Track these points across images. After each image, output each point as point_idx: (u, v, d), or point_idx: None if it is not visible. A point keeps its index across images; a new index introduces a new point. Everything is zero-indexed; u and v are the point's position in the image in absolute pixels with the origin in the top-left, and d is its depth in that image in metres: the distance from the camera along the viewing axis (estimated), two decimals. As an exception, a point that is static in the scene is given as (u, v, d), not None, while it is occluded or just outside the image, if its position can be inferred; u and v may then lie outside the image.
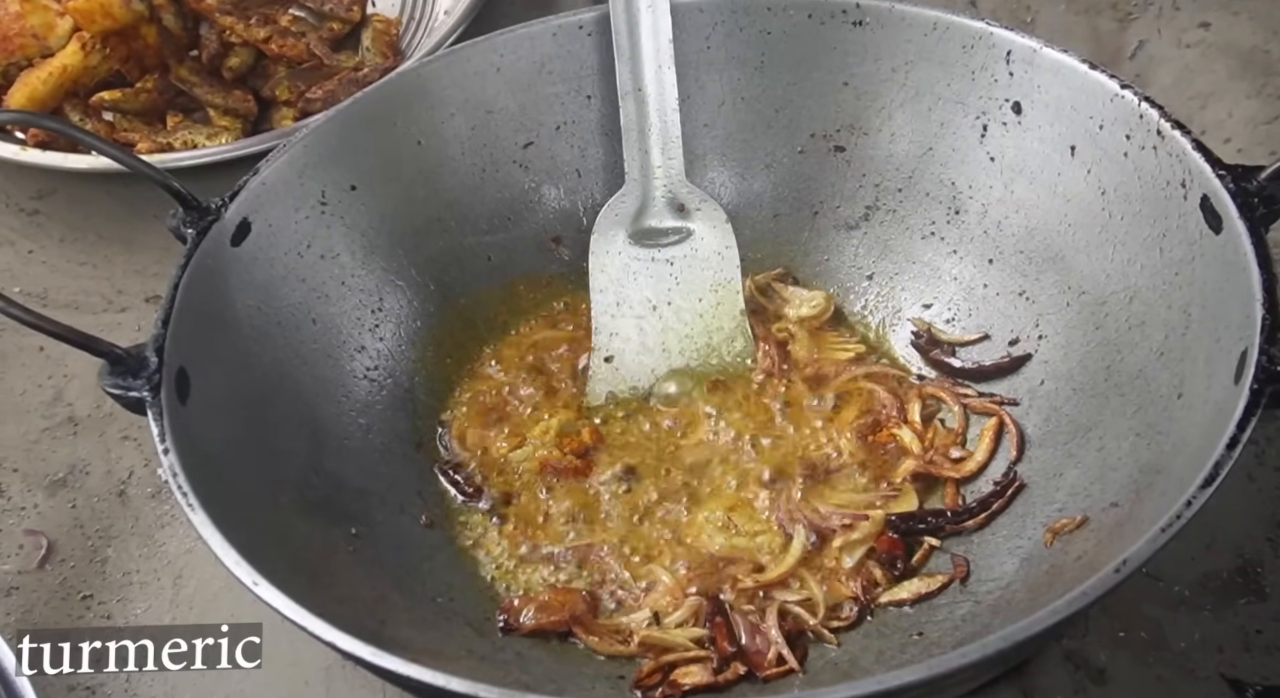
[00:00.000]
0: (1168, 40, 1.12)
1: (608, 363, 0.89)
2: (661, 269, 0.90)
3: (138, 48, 1.11)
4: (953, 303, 0.88)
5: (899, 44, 0.87)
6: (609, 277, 0.90)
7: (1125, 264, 0.78)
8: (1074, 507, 0.74)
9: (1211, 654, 0.77)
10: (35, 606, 0.85)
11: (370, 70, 1.15)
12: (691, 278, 0.90)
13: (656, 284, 0.90)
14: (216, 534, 0.63)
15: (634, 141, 0.88)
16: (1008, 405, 0.83)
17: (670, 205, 0.89)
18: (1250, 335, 0.64)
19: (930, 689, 0.57)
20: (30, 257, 1.09)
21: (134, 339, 0.72)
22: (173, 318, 0.72)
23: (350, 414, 0.84)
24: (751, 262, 0.93)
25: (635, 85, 0.87)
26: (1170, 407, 0.71)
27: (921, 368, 0.88)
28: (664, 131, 0.88)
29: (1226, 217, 0.69)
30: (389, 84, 0.89)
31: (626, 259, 0.90)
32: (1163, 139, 0.75)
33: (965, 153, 0.87)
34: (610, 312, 0.89)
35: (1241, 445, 0.60)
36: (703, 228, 0.90)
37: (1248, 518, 0.82)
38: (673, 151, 0.88)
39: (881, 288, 0.91)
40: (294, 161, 0.83)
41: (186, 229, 0.77)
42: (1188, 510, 0.59)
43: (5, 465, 0.94)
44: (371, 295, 0.88)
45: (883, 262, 0.91)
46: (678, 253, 0.90)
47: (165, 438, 0.67)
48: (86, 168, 1.05)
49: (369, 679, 0.79)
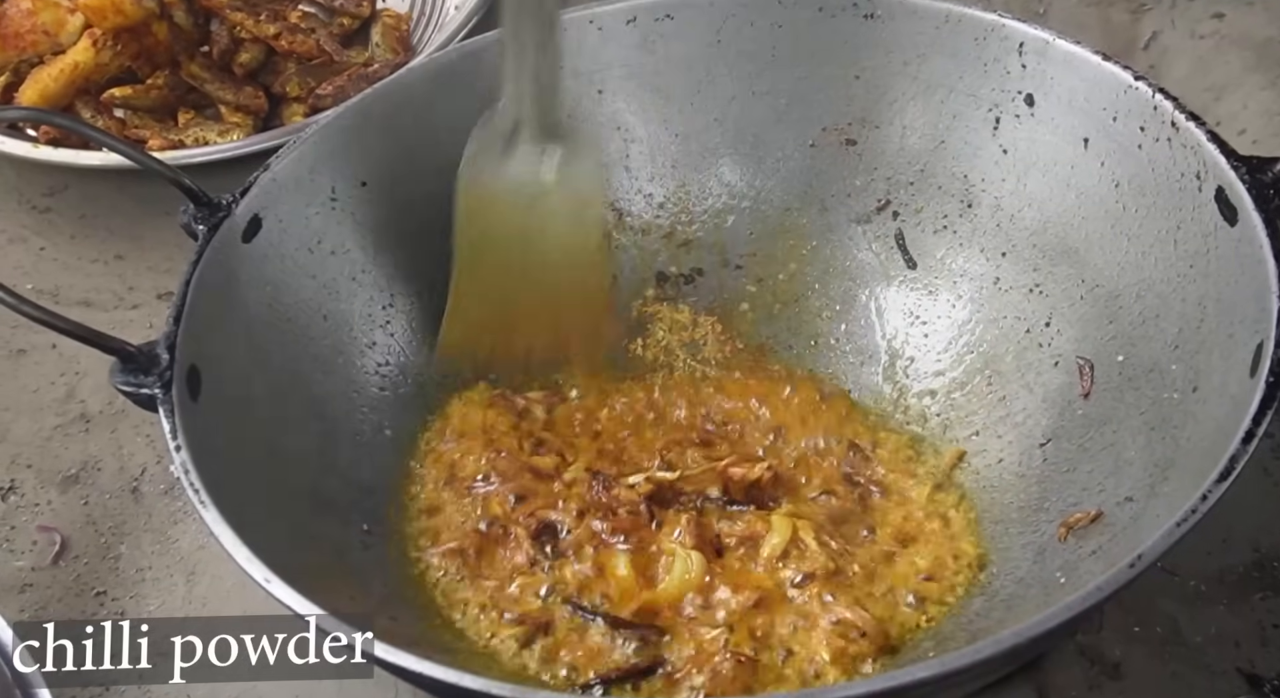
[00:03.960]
0: (1181, 32, 1.11)
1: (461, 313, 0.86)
2: (528, 201, 0.85)
3: (149, 44, 1.11)
4: (966, 298, 0.88)
5: (911, 37, 0.86)
6: (474, 210, 0.85)
7: (1139, 257, 0.77)
8: (1088, 501, 0.73)
9: (1228, 649, 0.76)
10: (49, 602, 0.86)
11: (380, 66, 1.15)
12: (557, 206, 0.85)
13: (523, 213, 0.85)
14: (228, 531, 0.63)
15: (511, 53, 0.81)
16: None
17: (543, 127, 0.84)
18: (1266, 328, 0.64)
19: (943, 685, 0.57)
20: (42, 253, 1.09)
21: (146, 336, 0.72)
22: (184, 315, 0.72)
23: (362, 410, 0.84)
24: (763, 256, 0.92)
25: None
26: (1185, 400, 0.70)
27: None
28: (546, 46, 0.81)
29: (1242, 209, 0.69)
30: (399, 80, 0.89)
31: (497, 188, 0.85)
32: (1177, 131, 0.74)
33: (978, 146, 0.87)
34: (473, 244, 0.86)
35: (1257, 439, 0.60)
36: (573, 147, 0.85)
37: (1264, 512, 0.82)
38: (551, 69, 0.82)
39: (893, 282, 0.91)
40: (304, 158, 0.83)
41: (198, 226, 0.77)
42: (1203, 505, 0.58)
43: (19, 462, 0.94)
44: (383, 291, 0.88)
45: (894, 255, 0.91)
46: (546, 184, 0.85)
47: (177, 435, 0.67)
48: (98, 165, 1.05)
49: (382, 676, 0.78)
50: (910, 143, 0.89)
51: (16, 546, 0.89)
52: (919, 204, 0.90)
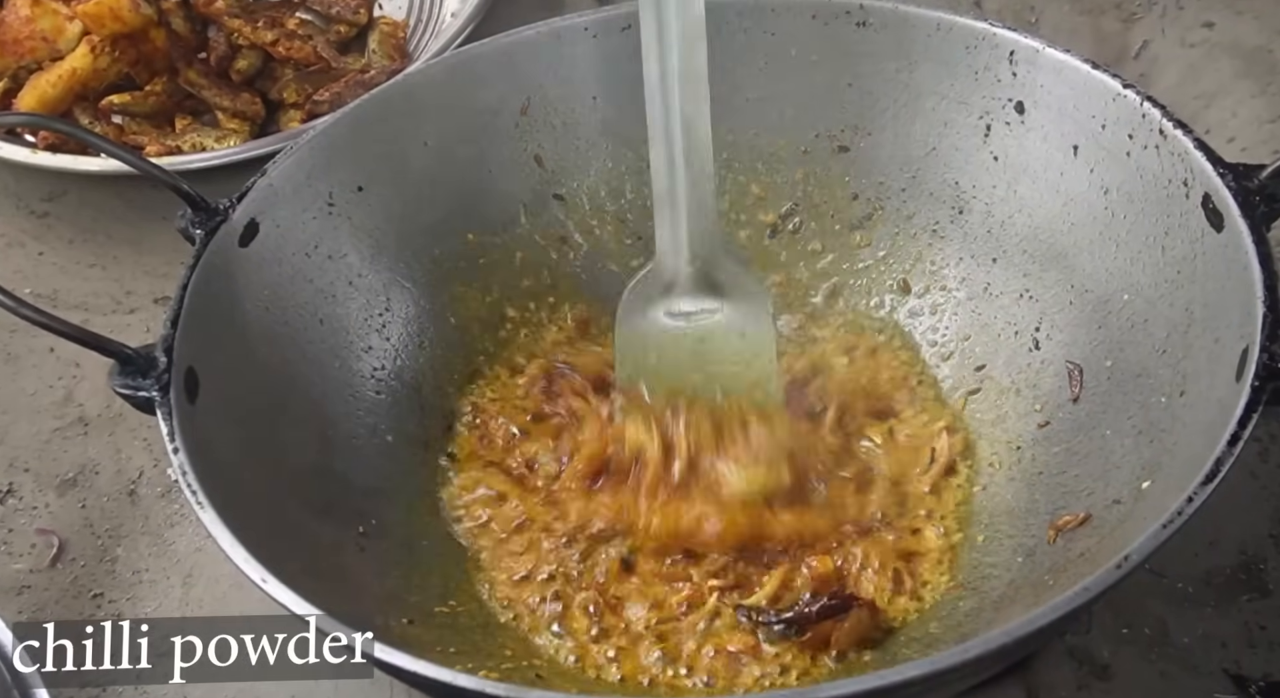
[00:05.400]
0: (1172, 40, 1.12)
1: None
2: (689, 346, 0.82)
3: (147, 51, 1.12)
4: (956, 303, 0.89)
5: (902, 44, 0.87)
6: (633, 354, 0.83)
7: (1128, 263, 0.78)
8: (1077, 504, 0.74)
9: (1215, 650, 0.77)
10: (47, 604, 0.86)
11: (377, 72, 1.15)
12: (722, 353, 0.82)
13: (683, 361, 0.82)
14: (225, 532, 0.64)
15: (665, 203, 0.79)
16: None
17: (703, 281, 0.81)
18: (1251, 333, 0.64)
19: (932, 685, 0.58)
20: (40, 258, 1.10)
21: (143, 340, 0.73)
22: (181, 318, 0.73)
23: (358, 414, 0.85)
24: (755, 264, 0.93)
25: (666, 129, 0.77)
26: (1172, 404, 0.71)
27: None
28: (697, 189, 0.78)
29: (1228, 215, 0.69)
30: (396, 86, 0.89)
31: (654, 336, 0.82)
32: (1165, 138, 0.75)
33: (969, 153, 0.87)
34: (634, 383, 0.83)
35: (1243, 442, 0.61)
36: (737, 303, 0.82)
37: (1251, 515, 0.82)
38: (706, 216, 0.79)
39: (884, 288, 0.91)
40: (301, 163, 0.84)
41: (195, 230, 0.78)
42: (1189, 507, 0.59)
43: (17, 465, 0.95)
44: (379, 296, 0.88)
45: (886, 262, 0.91)
46: (708, 330, 0.81)
47: (174, 437, 0.68)
48: (96, 170, 1.06)
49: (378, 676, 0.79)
50: (902, 150, 0.90)
51: (14, 548, 0.90)
52: (910, 210, 0.90)
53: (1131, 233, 0.78)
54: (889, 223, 0.91)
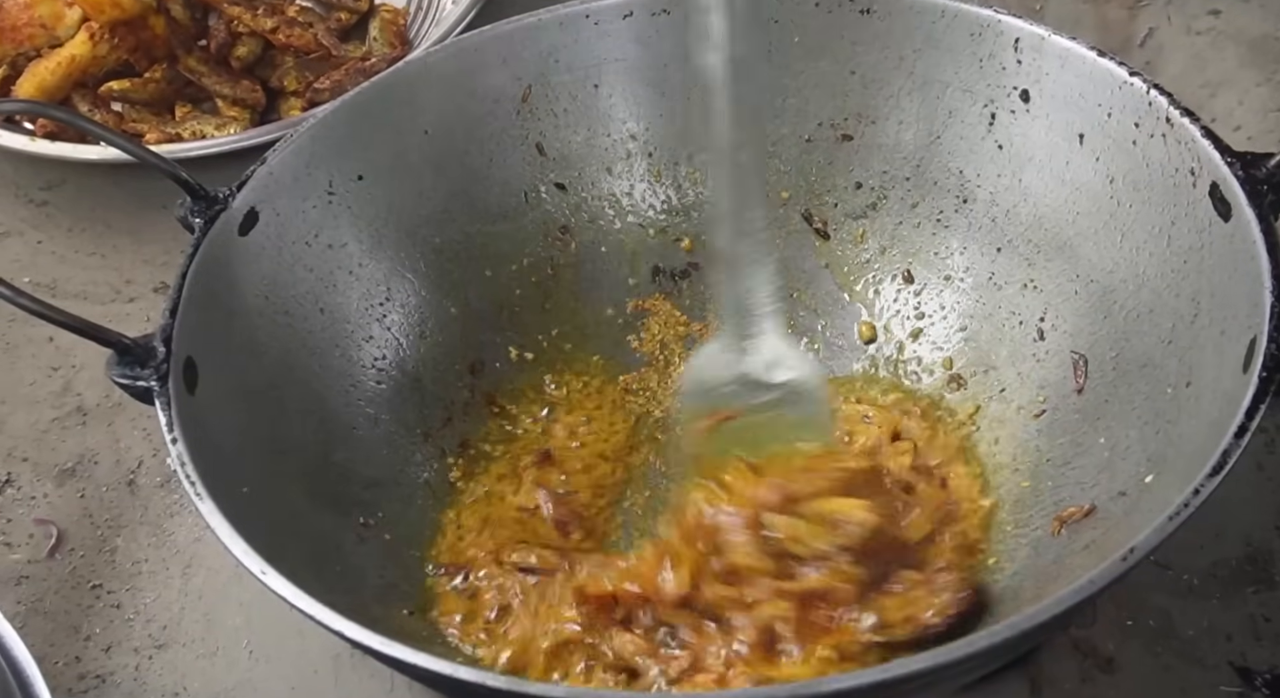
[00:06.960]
0: (1177, 28, 1.11)
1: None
2: (749, 424, 0.79)
3: (146, 38, 1.11)
4: (961, 293, 0.88)
5: (906, 32, 0.86)
6: (694, 431, 0.80)
7: (1133, 252, 0.78)
8: (1082, 496, 0.74)
9: (1220, 643, 0.77)
10: (45, 595, 0.86)
11: (378, 60, 1.15)
12: (776, 436, 0.79)
13: (743, 437, 0.79)
14: (224, 523, 0.63)
15: (733, 281, 0.75)
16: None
17: (765, 366, 0.78)
18: (1259, 323, 0.64)
19: (937, 678, 0.57)
20: (39, 247, 1.09)
21: (142, 329, 0.72)
22: (180, 307, 0.72)
23: (358, 404, 0.85)
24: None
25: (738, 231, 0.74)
26: (1178, 395, 0.71)
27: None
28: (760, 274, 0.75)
29: (1235, 204, 0.69)
30: (396, 74, 0.89)
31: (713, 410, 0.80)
32: (1171, 126, 0.74)
33: (973, 141, 0.87)
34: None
35: (1250, 434, 0.60)
36: (796, 388, 0.79)
37: (1257, 507, 0.82)
38: (771, 298, 0.76)
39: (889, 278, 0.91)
40: (301, 151, 0.83)
41: (194, 219, 0.77)
42: (1195, 499, 0.59)
43: (15, 455, 0.94)
44: (379, 285, 0.88)
45: (890, 251, 0.91)
46: (765, 413, 0.79)
47: (173, 427, 0.67)
48: (95, 158, 1.05)
49: (377, 669, 0.79)
50: (906, 138, 0.89)
51: (13, 538, 0.89)
52: (914, 199, 0.90)
53: (1137, 222, 0.77)
54: (893, 212, 0.91)
